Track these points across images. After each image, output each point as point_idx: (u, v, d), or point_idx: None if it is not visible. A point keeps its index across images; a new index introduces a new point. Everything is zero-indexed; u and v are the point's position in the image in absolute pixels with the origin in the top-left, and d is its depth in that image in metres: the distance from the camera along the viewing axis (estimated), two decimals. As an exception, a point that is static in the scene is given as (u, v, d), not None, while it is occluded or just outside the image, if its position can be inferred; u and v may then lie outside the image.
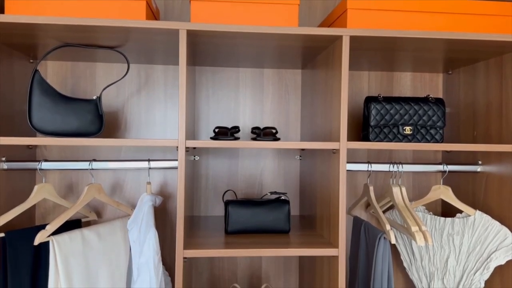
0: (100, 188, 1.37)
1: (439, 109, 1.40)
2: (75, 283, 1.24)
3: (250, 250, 1.17)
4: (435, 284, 1.43)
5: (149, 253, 1.16)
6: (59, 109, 1.23)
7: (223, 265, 1.68)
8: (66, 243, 1.23)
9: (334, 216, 1.22)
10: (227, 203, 1.35)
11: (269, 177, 1.69)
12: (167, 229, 1.62)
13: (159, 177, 1.63)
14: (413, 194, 1.70)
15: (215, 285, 1.68)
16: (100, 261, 1.32)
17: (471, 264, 1.38)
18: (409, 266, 1.48)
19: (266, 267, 1.70)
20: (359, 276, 1.41)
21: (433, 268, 1.43)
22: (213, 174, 1.67)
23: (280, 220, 1.34)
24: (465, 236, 1.39)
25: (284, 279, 1.70)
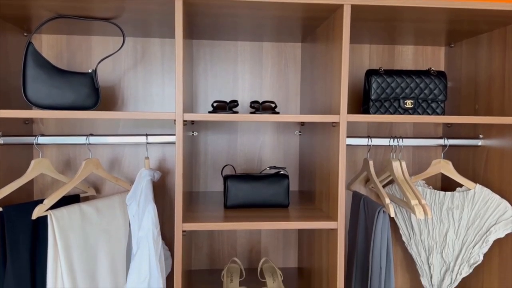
0: (97, 163, 1.36)
1: (440, 82, 1.38)
2: (74, 258, 1.24)
3: (249, 223, 1.16)
4: (433, 257, 1.43)
5: (148, 227, 1.16)
6: (54, 82, 1.21)
7: (222, 240, 1.68)
8: (64, 217, 1.22)
9: (333, 190, 1.21)
10: (226, 177, 1.34)
11: (269, 153, 1.68)
12: (166, 205, 1.62)
13: (157, 152, 1.61)
14: (413, 169, 1.69)
15: (215, 259, 1.68)
16: (99, 236, 1.32)
17: (470, 237, 1.38)
18: (408, 240, 1.48)
19: (265, 241, 1.70)
20: (358, 250, 1.41)
21: (432, 242, 1.44)
22: (212, 150, 1.65)
23: (279, 195, 1.34)
24: (465, 210, 1.39)
25: (283, 254, 1.71)
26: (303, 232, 1.60)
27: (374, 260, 1.30)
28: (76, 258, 1.24)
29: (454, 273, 1.40)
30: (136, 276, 1.13)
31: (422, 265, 1.45)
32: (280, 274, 1.44)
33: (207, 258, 1.69)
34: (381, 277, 1.28)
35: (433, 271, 1.43)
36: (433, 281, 1.44)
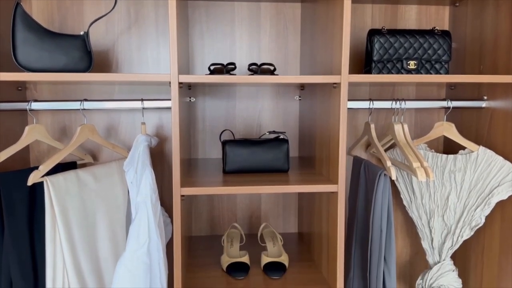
0: (93, 129, 1.33)
1: (445, 42, 1.33)
2: (73, 224, 1.23)
3: (249, 188, 1.15)
4: (435, 221, 1.42)
5: (146, 192, 1.14)
6: (44, 45, 1.17)
7: (222, 206, 1.68)
8: (61, 183, 1.21)
9: (333, 153, 1.19)
10: (224, 143, 1.32)
11: (268, 119, 1.64)
12: (165, 172, 1.60)
13: (154, 119, 1.58)
14: (414, 134, 1.66)
15: (215, 226, 1.68)
16: (98, 203, 1.31)
17: (472, 200, 1.36)
18: (409, 204, 1.47)
19: (265, 207, 1.69)
20: (358, 215, 1.40)
21: (433, 206, 1.42)
22: (210, 116, 1.62)
23: (279, 159, 1.31)
24: (467, 172, 1.37)
25: (283, 219, 1.71)
26: (303, 197, 1.59)
27: (375, 223, 1.29)
28: (74, 225, 1.23)
29: (455, 236, 1.39)
30: (135, 240, 1.12)
31: (423, 229, 1.45)
32: (281, 238, 1.44)
33: (207, 225, 1.68)
34: (381, 240, 1.28)
35: (434, 234, 1.43)
36: (433, 244, 1.43)
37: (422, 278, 1.45)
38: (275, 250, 1.40)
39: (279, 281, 1.27)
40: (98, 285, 1.29)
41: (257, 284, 1.25)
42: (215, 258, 1.41)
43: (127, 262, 1.12)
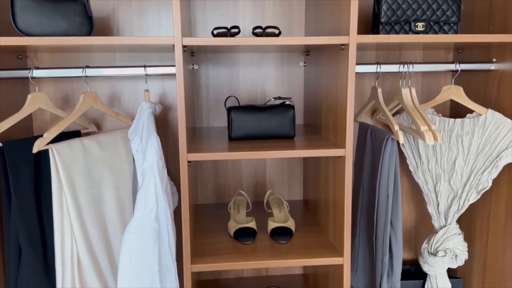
0: (96, 97, 1.31)
1: (454, 3, 1.29)
2: (79, 192, 1.23)
3: (255, 153, 1.14)
4: (441, 185, 1.42)
5: (152, 158, 1.13)
6: (44, 10, 1.14)
7: (227, 175, 1.67)
8: (66, 151, 1.20)
9: (341, 118, 1.17)
10: (229, 109, 1.30)
11: (272, 86, 1.62)
12: (169, 141, 1.59)
13: (157, 88, 1.56)
14: (421, 100, 1.64)
15: (221, 194, 1.68)
16: (103, 171, 1.30)
17: (480, 163, 1.36)
18: (415, 169, 1.46)
19: (271, 175, 1.69)
20: (364, 181, 1.40)
21: (440, 170, 1.42)
22: (214, 84, 1.60)
23: (285, 125, 1.30)
24: (475, 136, 1.35)
25: (289, 187, 1.71)
26: (308, 164, 1.58)
27: (381, 188, 1.29)
28: (81, 192, 1.23)
29: (462, 200, 1.39)
30: (142, 206, 1.12)
31: (429, 194, 1.45)
32: (287, 205, 1.44)
33: (213, 193, 1.69)
34: (388, 205, 1.28)
35: (440, 199, 1.43)
36: (439, 208, 1.43)
37: (427, 242, 1.46)
38: (282, 216, 1.41)
39: (286, 245, 1.27)
40: (107, 252, 1.30)
41: (264, 248, 1.26)
42: (222, 225, 1.42)
43: (135, 228, 1.12)
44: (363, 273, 1.43)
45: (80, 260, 1.24)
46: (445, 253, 1.42)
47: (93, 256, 1.25)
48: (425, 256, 1.45)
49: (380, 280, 1.32)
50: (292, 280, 1.72)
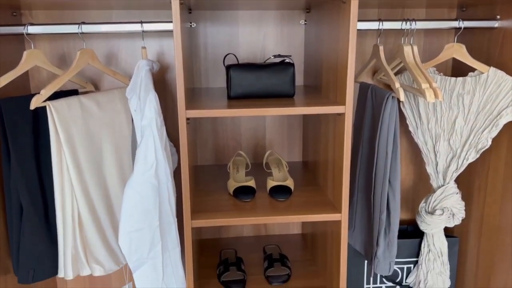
0: (93, 54, 1.29)
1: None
2: (78, 150, 1.23)
3: (254, 110, 1.13)
4: (440, 145, 1.42)
5: (151, 115, 1.12)
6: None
7: (227, 136, 1.67)
8: (64, 109, 1.19)
9: (341, 75, 1.15)
10: (228, 67, 1.28)
11: (272, 46, 1.59)
12: (168, 102, 1.58)
13: (155, 46, 1.54)
14: (423, 59, 1.61)
15: (220, 155, 1.69)
16: (102, 130, 1.30)
17: (480, 122, 1.35)
18: (415, 129, 1.46)
19: (270, 137, 1.69)
20: (364, 140, 1.40)
21: (440, 130, 1.41)
22: (212, 43, 1.57)
23: (285, 83, 1.28)
24: (476, 94, 1.34)
25: (288, 149, 1.71)
26: (308, 124, 1.58)
27: (381, 146, 1.28)
28: (80, 151, 1.23)
29: (461, 159, 1.40)
30: (142, 162, 1.12)
31: (428, 154, 1.45)
32: (286, 165, 1.45)
33: (212, 154, 1.69)
34: (386, 163, 1.28)
35: (439, 159, 1.43)
36: (438, 168, 1.44)
37: (425, 201, 1.48)
38: (281, 175, 1.41)
39: (285, 203, 1.29)
40: (107, 209, 1.31)
41: (263, 205, 1.27)
42: (222, 184, 1.43)
43: (135, 184, 1.13)
44: (360, 231, 1.45)
45: (81, 217, 1.25)
46: (443, 212, 1.43)
47: (94, 213, 1.27)
48: (423, 215, 1.46)
49: (377, 237, 1.34)
50: (291, 240, 1.75)
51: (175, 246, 1.21)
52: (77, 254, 1.27)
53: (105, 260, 1.30)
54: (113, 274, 1.66)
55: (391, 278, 1.61)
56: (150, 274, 1.19)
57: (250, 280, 1.43)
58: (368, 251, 1.43)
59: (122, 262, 1.36)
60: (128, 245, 1.15)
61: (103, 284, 1.71)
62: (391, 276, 1.60)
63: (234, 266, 1.47)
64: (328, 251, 1.36)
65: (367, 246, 1.44)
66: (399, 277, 1.61)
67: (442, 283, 1.51)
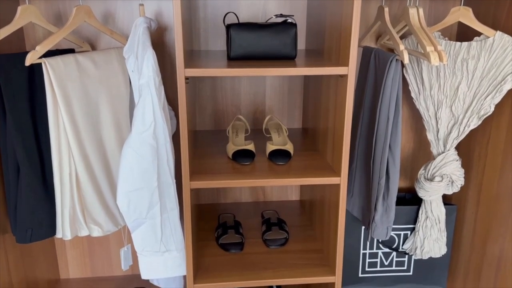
0: (89, 11, 1.25)
1: None
2: (76, 110, 1.21)
3: (254, 70, 1.10)
4: (442, 111, 1.40)
5: (148, 73, 1.10)
6: None
7: (226, 101, 1.65)
8: (60, 66, 1.16)
9: (345, 37, 1.12)
10: (228, 26, 1.25)
11: (273, 8, 1.55)
12: (166, 63, 1.54)
13: (153, 6, 1.49)
14: (428, 24, 1.56)
15: (219, 121, 1.67)
16: (99, 90, 1.28)
17: (483, 88, 1.33)
18: (417, 95, 1.44)
19: (270, 102, 1.67)
20: (365, 105, 1.38)
21: (442, 96, 1.39)
22: (212, 3, 1.53)
23: (286, 45, 1.25)
24: (481, 59, 1.32)
25: (288, 115, 1.69)
26: (309, 88, 1.55)
27: (382, 111, 1.27)
28: (77, 111, 1.21)
29: (462, 126, 1.38)
30: (140, 122, 1.10)
31: (429, 120, 1.43)
32: (286, 129, 1.43)
33: (211, 120, 1.67)
34: (388, 128, 1.27)
35: (440, 125, 1.42)
36: (439, 135, 1.43)
37: (424, 168, 1.47)
38: (280, 140, 1.40)
39: (284, 167, 1.28)
40: (105, 170, 1.31)
41: (262, 169, 1.26)
42: (221, 148, 1.41)
43: (133, 143, 1.12)
44: (358, 196, 1.45)
45: (78, 177, 1.24)
46: (442, 178, 1.43)
47: (92, 173, 1.26)
48: (421, 182, 1.46)
49: (376, 202, 1.34)
50: (289, 206, 1.75)
51: (173, 207, 1.21)
52: (75, 214, 1.27)
53: (103, 221, 1.30)
54: (111, 236, 1.68)
55: (388, 244, 1.62)
56: (148, 234, 1.19)
57: (248, 243, 1.44)
58: (366, 217, 1.44)
59: (121, 223, 1.37)
60: (127, 204, 1.14)
61: (101, 247, 1.72)
62: (387, 242, 1.61)
63: (232, 229, 1.47)
64: (326, 215, 1.36)
65: (365, 212, 1.45)
66: (395, 243, 1.62)
67: (438, 249, 1.52)
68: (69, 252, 1.72)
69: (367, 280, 1.66)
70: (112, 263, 1.76)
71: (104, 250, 1.74)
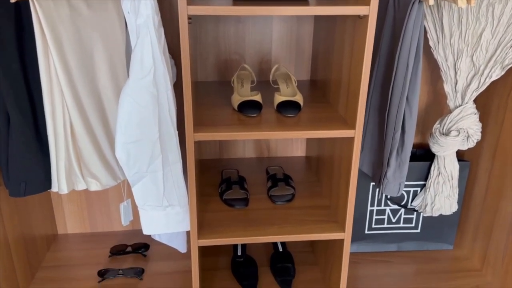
0: None
1: None
2: (68, 54, 1.11)
3: (264, 8, 0.99)
4: (462, 61, 1.31)
5: (147, 12, 0.99)
6: None
7: (230, 50, 1.54)
8: (49, 5, 1.05)
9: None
10: (234, -37, 1.13)
11: None
12: (165, 7, 1.42)
13: None
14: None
15: (222, 71, 1.57)
16: (93, 34, 1.16)
17: (509, 36, 1.23)
18: (436, 44, 1.33)
19: (277, 52, 1.56)
20: (381, 54, 1.28)
21: (463, 45, 1.29)
22: None
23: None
24: (509, 3, 1.21)
25: (296, 66, 1.59)
26: (320, 34, 1.44)
27: (401, 58, 1.17)
28: (69, 54, 1.11)
29: (483, 76, 1.29)
30: (138, 67, 1.01)
31: (448, 71, 1.34)
32: (295, 80, 1.34)
33: (214, 70, 1.57)
34: (406, 77, 1.18)
35: (459, 76, 1.33)
36: (457, 87, 1.34)
37: (440, 122, 1.40)
38: (289, 90, 1.31)
39: (294, 119, 1.20)
40: (101, 121, 1.22)
41: (270, 121, 1.18)
42: (225, 100, 1.33)
43: (131, 91, 1.03)
44: (369, 151, 1.38)
45: (73, 128, 1.16)
46: (458, 133, 1.36)
47: (87, 124, 1.18)
48: (436, 137, 1.39)
49: (389, 157, 1.27)
50: (294, 161, 1.69)
51: (176, 160, 1.14)
52: (71, 167, 1.20)
53: (101, 174, 1.23)
54: (110, 190, 1.63)
55: (397, 200, 1.57)
56: (150, 188, 1.12)
57: (253, 199, 1.38)
58: (377, 173, 1.37)
59: (120, 177, 1.30)
60: (126, 157, 1.07)
61: (100, 201, 1.67)
62: (396, 198, 1.56)
63: (236, 185, 1.41)
64: (336, 171, 1.29)
65: (376, 168, 1.38)
66: (404, 200, 1.57)
67: (449, 206, 1.47)
68: (66, 207, 1.66)
69: (373, 237, 1.62)
70: (112, 218, 1.71)
71: (103, 205, 1.68)
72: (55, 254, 1.60)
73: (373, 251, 1.63)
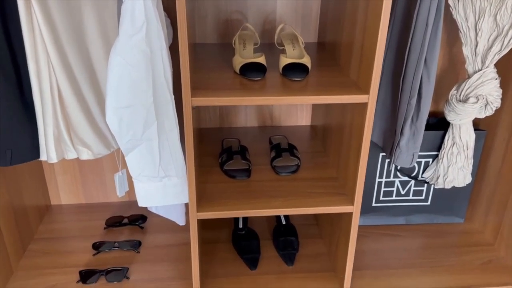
0: None
1: None
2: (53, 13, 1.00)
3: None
4: (483, 22, 1.20)
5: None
6: None
7: (230, 9, 1.43)
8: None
9: None
10: None
11: None
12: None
13: None
14: None
15: (222, 33, 1.46)
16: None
17: (540, -8, 1.12)
18: (455, 3, 1.22)
19: (281, 12, 1.45)
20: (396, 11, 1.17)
21: (486, 3, 1.18)
22: None
23: None
24: (542, -45, 1.09)
25: (302, 27, 1.48)
26: (329, -5, 1.33)
27: (420, 15, 1.07)
28: (53, 8, 1.00)
29: (507, 38, 1.19)
30: (129, 22, 0.90)
31: (467, 32, 1.23)
32: (302, 41, 1.23)
33: (213, 31, 1.46)
34: (425, 37, 1.08)
35: (479, 38, 1.22)
36: (477, 49, 1.23)
37: (457, 88, 1.30)
38: (296, 52, 1.20)
39: (300, 83, 1.10)
40: (92, 88, 1.12)
41: (275, 85, 1.09)
42: (226, 63, 1.22)
43: (121, 50, 0.92)
44: (380, 119, 1.29)
45: (61, 92, 1.07)
46: (477, 99, 1.26)
47: (76, 87, 1.08)
48: (453, 104, 1.29)
49: (403, 124, 1.18)
50: (298, 131, 1.60)
51: (173, 128, 1.05)
52: (59, 134, 1.11)
53: (93, 142, 1.14)
54: (105, 160, 1.55)
55: (407, 172, 1.49)
56: (145, 157, 1.04)
57: (255, 170, 1.30)
58: (388, 142, 1.29)
59: (114, 146, 1.21)
60: (118, 123, 0.98)
61: (93, 172, 1.59)
62: (406, 169, 1.48)
63: (238, 155, 1.32)
64: (345, 140, 1.20)
65: (387, 136, 1.30)
66: (415, 171, 1.49)
67: (463, 178, 1.40)
68: (59, 177, 1.59)
69: (381, 209, 1.55)
70: (107, 188, 1.64)
71: (98, 175, 1.61)
72: (48, 226, 1.53)
73: (380, 224, 1.57)
